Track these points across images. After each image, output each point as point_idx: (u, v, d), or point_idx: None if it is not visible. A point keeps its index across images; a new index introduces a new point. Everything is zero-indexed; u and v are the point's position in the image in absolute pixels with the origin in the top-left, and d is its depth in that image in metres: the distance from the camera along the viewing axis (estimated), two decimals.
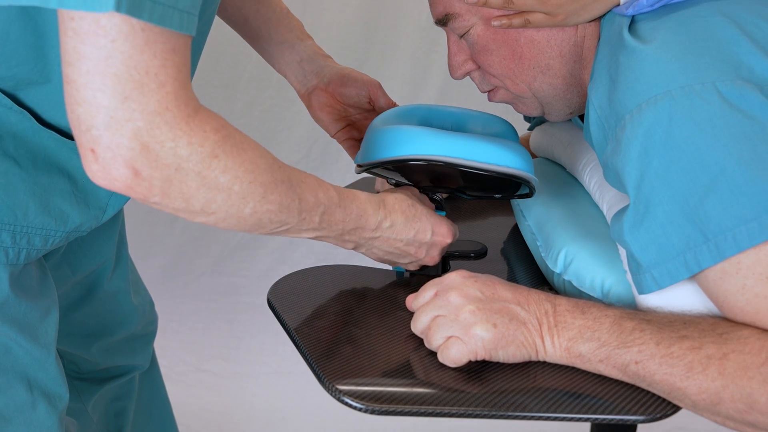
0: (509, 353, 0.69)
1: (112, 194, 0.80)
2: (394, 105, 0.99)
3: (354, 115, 1.00)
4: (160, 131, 0.57)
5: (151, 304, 1.15)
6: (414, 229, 0.81)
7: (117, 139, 0.56)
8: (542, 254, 0.88)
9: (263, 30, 0.99)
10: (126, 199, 0.81)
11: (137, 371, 1.15)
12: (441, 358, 0.70)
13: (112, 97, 0.55)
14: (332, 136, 1.01)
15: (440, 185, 0.87)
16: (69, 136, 0.73)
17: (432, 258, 0.85)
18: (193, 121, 0.59)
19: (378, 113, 0.99)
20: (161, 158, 0.58)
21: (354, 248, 0.81)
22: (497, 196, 0.90)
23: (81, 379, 1.11)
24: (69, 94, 0.56)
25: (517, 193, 0.88)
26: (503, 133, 0.90)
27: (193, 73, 0.88)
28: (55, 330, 0.83)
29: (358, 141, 1.01)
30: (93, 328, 1.05)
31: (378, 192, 1.21)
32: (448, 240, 0.84)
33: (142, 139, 0.57)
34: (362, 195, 0.78)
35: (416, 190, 0.86)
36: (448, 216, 0.89)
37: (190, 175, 0.60)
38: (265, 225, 0.69)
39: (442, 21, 0.84)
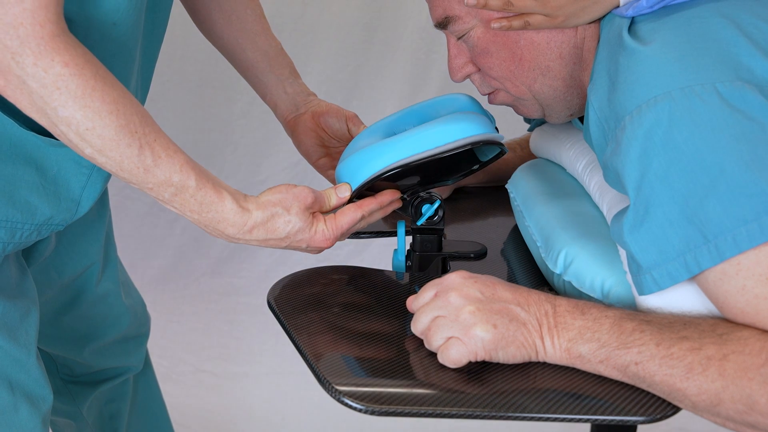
0: (509, 354, 0.69)
1: (85, 186, 0.80)
2: None
3: (336, 146, 1.02)
4: (12, 43, 0.61)
5: (143, 305, 1.16)
6: (285, 243, 0.80)
7: None
8: (542, 255, 0.88)
9: (261, 62, 1.01)
10: (100, 190, 0.81)
11: (131, 373, 1.15)
12: (441, 358, 0.70)
13: None
14: (312, 164, 1.02)
15: (417, 184, 0.88)
16: (33, 124, 0.73)
17: (312, 253, 0.84)
18: (45, 44, 0.62)
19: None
20: (11, 67, 0.63)
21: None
22: (474, 167, 0.90)
23: (75, 382, 1.11)
24: None
25: (490, 157, 0.87)
26: (464, 107, 0.88)
27: (151, 70, 0.88)
28: (35, 331, 0.83)
29: None
30: (84, 330, 1.05)
31: None
32: (326, 245, 0.82)
33: None
34: (228, 201, 0.75)
35: (306, 192, 0.80)
36: (447, 217, 0.89)
37: (35, 93, 0.64)
38: (110, 173, 0.71)
39: (442, 24, 0.84)
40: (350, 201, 0.84)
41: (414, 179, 0.86)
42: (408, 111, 0.91)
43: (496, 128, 0.86)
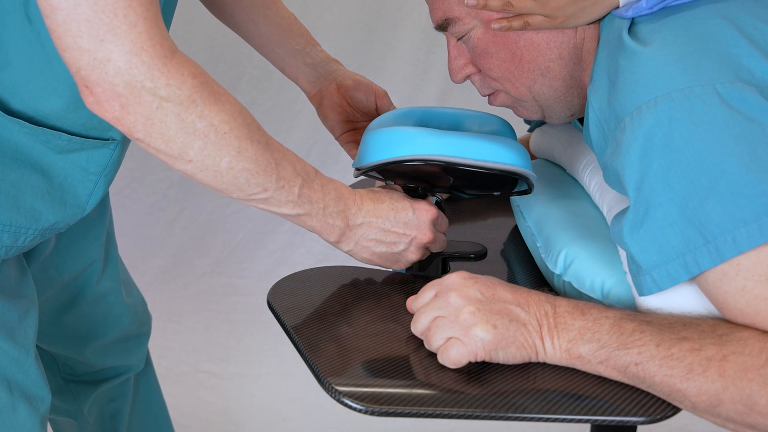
0: (509, 354, 0.69)
1: (92, 192, 0.79)
2: None
3: (360, 120, 1.01)
4: (139, 71, 0.60)
5: (144, 304, 1.15)
6: (392, 209, 0.81)
7: (103, 77, 0.60)
8: (542, 255, 0.88)
9: (274, 35, 1.00)
10: (104, 192, 0.81)
11: (132, 372, 1.15)
12: (441, 359, 0.70)
13: (89, 41, 0.58)
14: (336, 138, 1.02)
15: (438, 185, 0.87)
16: (40, 122, 0.73)
17: (426, 236, 0.83)
18: (170, 62, 0.62)
19: None
20: (143, 96, 0.61)
21: (339, 240, 0.80)
22: (496, 193, 0.90)
23: (76, 381, 1.11)
24: (55, 42, 0.60)
25: (516, 190, 0.88)
26: (500, 131, 0.90)
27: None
28: (34, 331, 0.82)
29: None
30: (85, 329, 1.05)
31: None
32: (432, 213, 0.83)
33: (124, 78, 0.60)
34: (337, 181, 0.78)
35: (398, 189, 0.86)
36: (447, 217, 0.89)
37: (170, 116, 0.63)
38: (243, 186, 0.69)
39: (442, 26, 0.84)
40: (366, 173, 0.85)
41: (446, 180, 0.85)
42: (440, 110, 0.92)
43: None
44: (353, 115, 1.00)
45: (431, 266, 0.89)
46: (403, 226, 0.82)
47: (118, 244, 1.10)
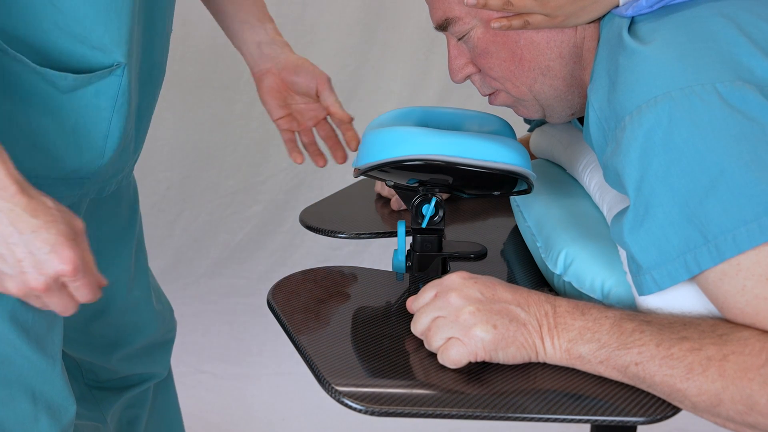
0: (509, 354, 0.69)
1: (107, 134, 0.77)
2: (338, 102, 1.00)
3: (299, 104, 1.00)
4: None
5: (171, 310, 1.14)
6: (34, 231, 0.62)
7: None
8: (542, 255, 0.88)
9: (227, 6, 0.99)
10: (120, 135, 0.78)
11: (155, 380, 1.14)
12: (441, 359, 0.70)
13: None
14: (274, 121, 1.02)
15: (438, 185, 0.87)
16: (45, 61, 0.70)
17: (37, 282, 0.64)
18: None
19: (322, 106, 1.00)
20: None
21: None
22: (496, 193, 0.90)
23: (100, 389, 1.10)
24: None
25: (516, 190, 0.88)
26: (500, 131, 0.90)
27: (157, 78, 0.87)
28: (60, 341, 0.82)
29: (296, 132, 1.04)
30: (113, 337, 1.04)
31: (378, 194, 1.21)
32: (67, 268, 0.63)
33: None
34: (9, 167, 0.62)
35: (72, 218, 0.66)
36: (447, 217, 0.89)
37: None
38: None
39: (442, 26, 0.84)
40: (366, 173, 0.84)
41: (446, 180, 0.85)
42: (440, 110, 0.92)
43: None
44: (292, 98, 0.99)
45: (431, 266, 0.89)
46: (27, 254, 0.63)
47: None
